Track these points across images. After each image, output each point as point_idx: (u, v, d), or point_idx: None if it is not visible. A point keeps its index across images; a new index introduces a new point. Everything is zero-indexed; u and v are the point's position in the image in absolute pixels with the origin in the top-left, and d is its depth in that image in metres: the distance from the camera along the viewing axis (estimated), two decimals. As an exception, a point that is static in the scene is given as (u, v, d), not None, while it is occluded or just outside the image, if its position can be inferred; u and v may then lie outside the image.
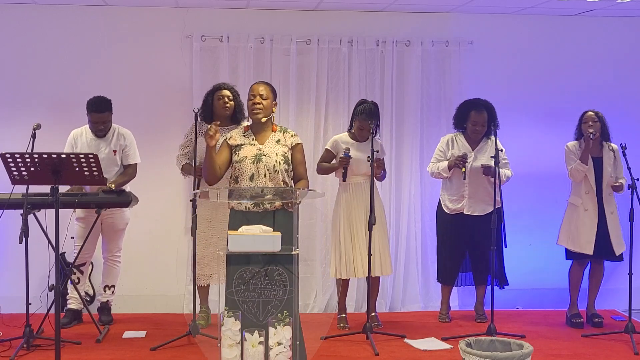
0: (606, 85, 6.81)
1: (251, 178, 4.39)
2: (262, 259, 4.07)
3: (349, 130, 5.75)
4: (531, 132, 6.68)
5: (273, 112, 4.57)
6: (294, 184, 4.59)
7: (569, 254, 5.82)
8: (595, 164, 5.66)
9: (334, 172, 5.72)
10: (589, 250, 5.64)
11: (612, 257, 5.71)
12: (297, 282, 4.02)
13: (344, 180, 5.57)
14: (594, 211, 5.64)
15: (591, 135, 5.56)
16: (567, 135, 5.85)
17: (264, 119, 4.49)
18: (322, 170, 5.74)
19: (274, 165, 4.41)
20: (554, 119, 6.58)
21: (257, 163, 4.40)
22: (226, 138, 4.57)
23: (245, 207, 4.39)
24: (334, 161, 5.65)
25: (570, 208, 5.77)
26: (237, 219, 4.36)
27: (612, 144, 5.74)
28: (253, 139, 4.50)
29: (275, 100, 4.58)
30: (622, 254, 5.72)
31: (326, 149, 5.74)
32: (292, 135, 4.58)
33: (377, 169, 5.43)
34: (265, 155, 4.41)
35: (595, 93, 6.73)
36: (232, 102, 5.57)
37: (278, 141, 4.51)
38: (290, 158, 4.55)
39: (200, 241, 5.41)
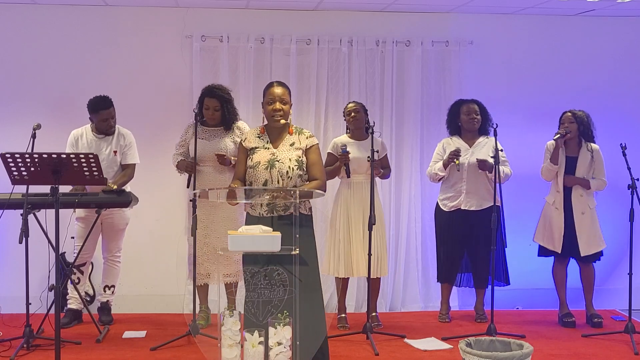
0: (606, 85, 6.82)
1: (264, 184, 4.26)
2: (262, 259, 4.07)
3: (347, 131, 5.77)
4: (531, 131, 6.68)
5: (289, 114, 4.39)
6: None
7: (541, 251, 5.90)
8: (569, 163, 5.71)
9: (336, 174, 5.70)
10: (558, 249, 5.71)
11: (582, 259, 5.73)
12: (297, 282, 4.03)
13: (348, 176, 5.56)
14: (562, 210, 5.70)
15: (558, 136, 5.63)
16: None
17: (282, 122, 4.33)
18: (328, 174, 5.70)
19: (287, 171, 4.25)
20: (554, 119, 6.55)
21: (270, 169, 4.24)
22: (241, 140, 4.43)
23: (260, 213, 4.27)
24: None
25: (546, 206, 5.86)
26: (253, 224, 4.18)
27: (593, 145, 5.75)
28: (267, 142, 4.34)
29: (290, 102, 4.40)
30: (598, 254, 5.74)
31: (328, 153, 5.72)
32: (307, 137, 4.38)
33: (375, 170, 5.47)
34: (278, 161, 4.25)
35: (595, 93, 6.74)
36: (218, 113, 5.49)
37: (292, 144, 4.33)
38: (304, 161, 4.34)
39: (196, 242, 5.39)
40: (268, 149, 4.32)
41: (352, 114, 5.64)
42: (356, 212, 5.57)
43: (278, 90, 4.32)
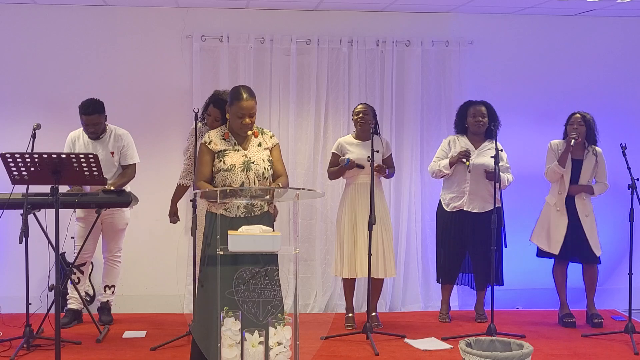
0: (606, 84, 6.82)
1: (241, 186, 4.26)
2: (262, 259, 4.07)
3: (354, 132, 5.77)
4: (531, 131, 6.68)
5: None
6: (274, 181, 4.41)
7: (540, 252, 5.88)
8: (575, 165, 5.69)
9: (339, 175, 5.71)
10: (556, 250, 5.70)
11: (590, 260, 5.73)
12: (296, 282, 4.03)
13: (360, 167, 5.57)
14: (565, 212, 5.68)
15: (572, 142, 5.58)
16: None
17: (249, 133, 4.36)
18: (332, 174, 5.76)
19: (263, 172, 4.28)
20: (553, 119, 6.56)
21: (247, 172, 4.26)
22: (205, 142, 4.36)
23: (236, 215, 4.25)
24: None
25: (545, 206, 5.82)
26: (224, 225, 4.16)
27: (596, 148, 5.74)
28: (236, 144, 4.33)
29: (256, 109, 4.40)
30: (599, 256, 5.74)
31: (332, 153, 5.76)
32: (270, 137, 4.44)
33: (382, 169, 5.53)
34: (253, 163, 4.28)
35: (595, 92, 6.74)
36: (217, 123, 5.46)
37: (259, 145, 4.36)
38: (272, 160, 4.41)
39: (198, 242, 5.40)
40: (238, 150, 4.32)
41: (361, 114, 5.65)
42: (362, 212, 5.56)
43: (248, 104, 4.26)
